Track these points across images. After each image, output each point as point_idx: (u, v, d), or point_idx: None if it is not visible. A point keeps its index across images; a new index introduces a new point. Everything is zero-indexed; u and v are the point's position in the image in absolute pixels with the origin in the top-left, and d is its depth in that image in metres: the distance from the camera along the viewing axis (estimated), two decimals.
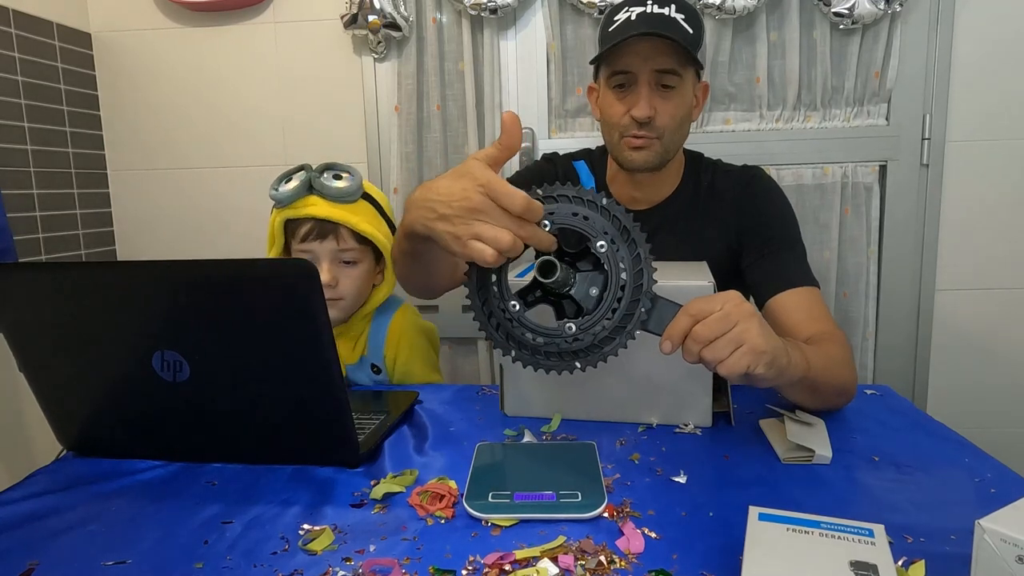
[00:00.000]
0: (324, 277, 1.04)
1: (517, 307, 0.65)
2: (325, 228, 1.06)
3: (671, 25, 0.98)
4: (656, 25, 0.98)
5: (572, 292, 0.64)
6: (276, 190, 1.06)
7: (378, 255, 1.11)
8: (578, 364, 0.65)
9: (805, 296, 0.97)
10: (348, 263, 1.08)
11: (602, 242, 0.62)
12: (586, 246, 0.63)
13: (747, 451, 0.77)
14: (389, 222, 1.12)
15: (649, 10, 1.00)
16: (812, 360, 0.76)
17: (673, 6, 1.00)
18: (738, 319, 0.62)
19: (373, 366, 1.14)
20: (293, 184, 1.05)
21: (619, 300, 0.62)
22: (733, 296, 0.64)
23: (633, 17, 1.00)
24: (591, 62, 1.08)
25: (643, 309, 0.63)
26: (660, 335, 0.63)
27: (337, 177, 1.06)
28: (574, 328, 0.63)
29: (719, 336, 0.61)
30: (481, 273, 0.65)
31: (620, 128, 1.05)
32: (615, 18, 1.03)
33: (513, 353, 0.65)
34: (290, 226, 1.08)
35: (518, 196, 0.60)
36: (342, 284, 1.07)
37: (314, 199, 1.05)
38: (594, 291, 0.63)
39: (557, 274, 0.62)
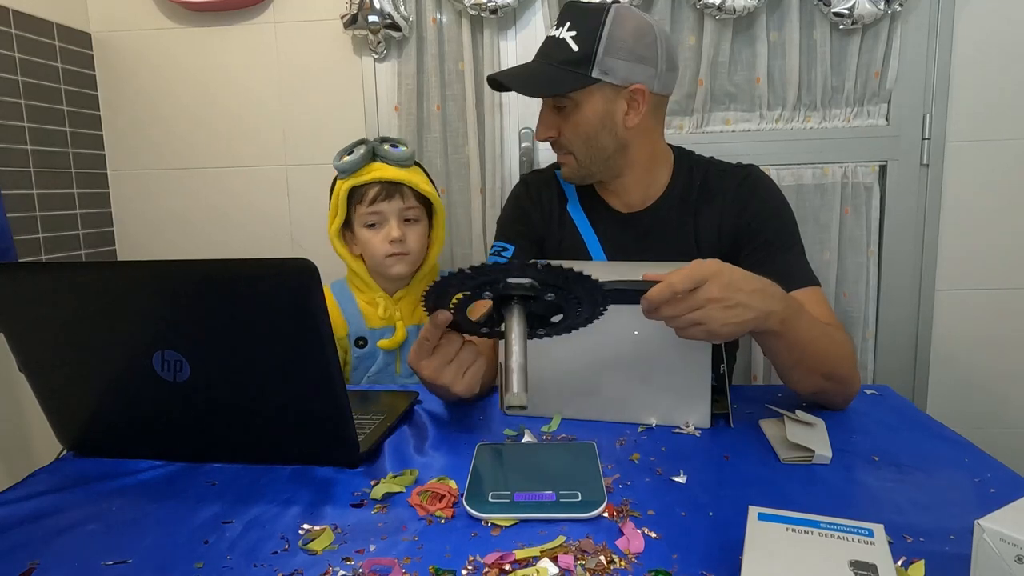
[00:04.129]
0: (394, 233, 1.20)
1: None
2: (391, 189, 1.20)
3: (552, 50, 1.03)
4: (522, 69, 1.07)
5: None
6: (341, 161, 1.20)
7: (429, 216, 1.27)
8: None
9: (806, 296, 0.96)
10: (410, 220, 1.23)
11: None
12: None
13: (747, 451, 0.77)
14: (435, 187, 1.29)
15: (552, 33, 1.04)
16: (806, 321, 0.81)
17: (567, 24, 1.02)
18: (703, 303, 0.70)
19: None
20: (358, 154, 1.20)
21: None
22: (708, 274, 0.70)
23: (541, 45, 1.06)
24: (492, 88, 1.12)
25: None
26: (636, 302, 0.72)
27: (393, 146, 1.22)
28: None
29: (682, 315, 0.71)
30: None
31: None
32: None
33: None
34: (355, 194, 1.22)
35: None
36: (408, 240, 1.22)
37: (378, 165, 1.20)
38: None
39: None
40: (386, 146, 1.21)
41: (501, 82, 1.05)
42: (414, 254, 1.24)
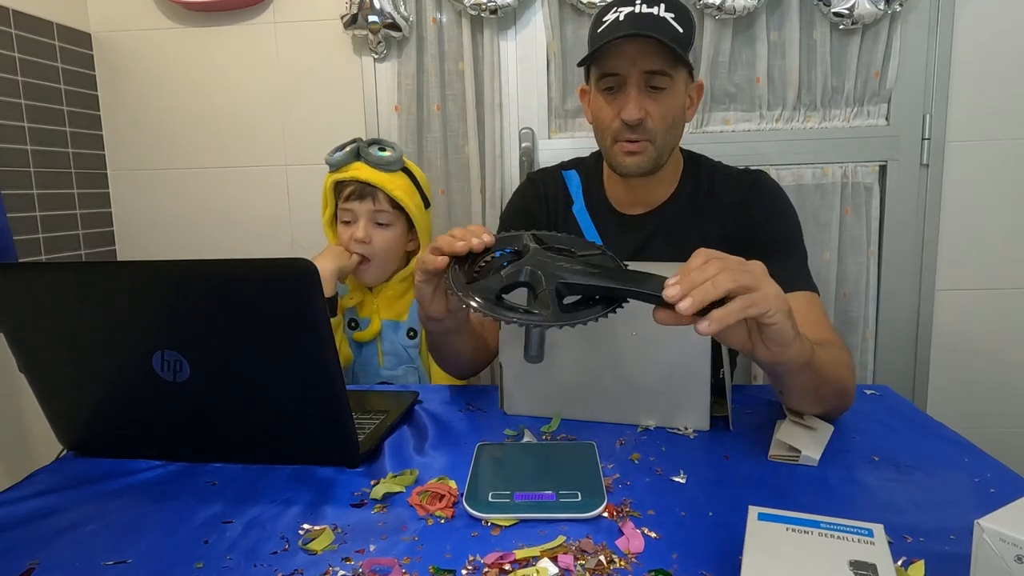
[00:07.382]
0: (359, 233, 1.23)
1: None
2: (365, 190, 1.22)
3: (660, 25, 0.96)
4: (644, 26, 0.96)
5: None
6: (330, 155, 1.24)
7: (410, 223, 1.27)
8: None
9: (802, 300, 0.95)
10: (382, 224, 1.24)
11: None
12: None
13: (747, 451, 0.77)
14: (424, 197, 1.28)
15: (638, 10, 0.98)
16: (817, 350, 0.74)
17: (663, 5, 0.98)
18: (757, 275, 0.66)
19: (411, 330, 1.29)
20: (344, 151, 1.23)
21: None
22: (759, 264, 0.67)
23: (621, 18, 0.98)
24: (579, 64, 1.06)
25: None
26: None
27: (382, 149, 1.24)
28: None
29: (725, 274, 0.64)
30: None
31: (612, 132, 1.03)
32: (604, 19, 1.02)
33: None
34: (338, 188, 1.26)
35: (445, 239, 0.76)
36: (375, 241, 1.23)
37: (359, 165, 1.22)
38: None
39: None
40: (372, 147, 1.23)
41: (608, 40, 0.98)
42: (379, 258, 1.24)
